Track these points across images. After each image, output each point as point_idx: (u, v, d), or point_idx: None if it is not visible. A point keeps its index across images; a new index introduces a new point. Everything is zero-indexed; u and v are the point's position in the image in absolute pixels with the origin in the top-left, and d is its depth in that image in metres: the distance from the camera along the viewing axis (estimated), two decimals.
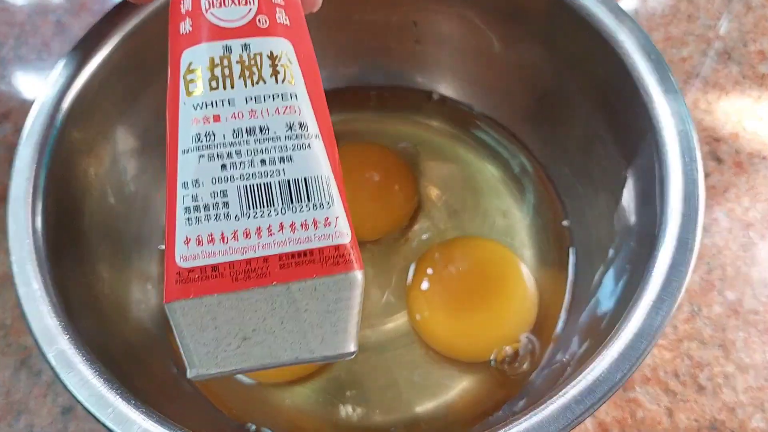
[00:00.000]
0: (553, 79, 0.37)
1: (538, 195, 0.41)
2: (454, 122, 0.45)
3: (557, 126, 0.39)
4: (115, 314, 0.33)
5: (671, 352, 0.38)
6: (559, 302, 0.37)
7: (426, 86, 0.45)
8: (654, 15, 0.50)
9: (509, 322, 0.36)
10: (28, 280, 0.27)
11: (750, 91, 0.46)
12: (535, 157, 0.42)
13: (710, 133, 0.45)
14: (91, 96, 0.32)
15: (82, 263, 0.32)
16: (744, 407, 0.36)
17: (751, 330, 0.38)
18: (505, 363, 0.36)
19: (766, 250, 0.40)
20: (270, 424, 0.35)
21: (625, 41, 0.30)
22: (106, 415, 0.24)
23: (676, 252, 0.26)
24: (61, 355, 0.25)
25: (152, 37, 0.34)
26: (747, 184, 0.43)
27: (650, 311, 0.25)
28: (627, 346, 0.25)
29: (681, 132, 0.28)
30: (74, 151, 0.32)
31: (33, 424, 0.37)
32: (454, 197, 0.42)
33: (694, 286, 0.39)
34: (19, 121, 0.48)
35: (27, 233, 0.28)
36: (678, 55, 0.48)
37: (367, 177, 0.41)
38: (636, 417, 0.36)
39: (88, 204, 0.33)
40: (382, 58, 0.44)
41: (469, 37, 0.40)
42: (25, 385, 0.38)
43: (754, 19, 0.49)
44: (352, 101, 0.46)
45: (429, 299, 0.37)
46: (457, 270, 0.37)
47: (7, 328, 0.40)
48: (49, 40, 0.52)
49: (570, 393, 0.24)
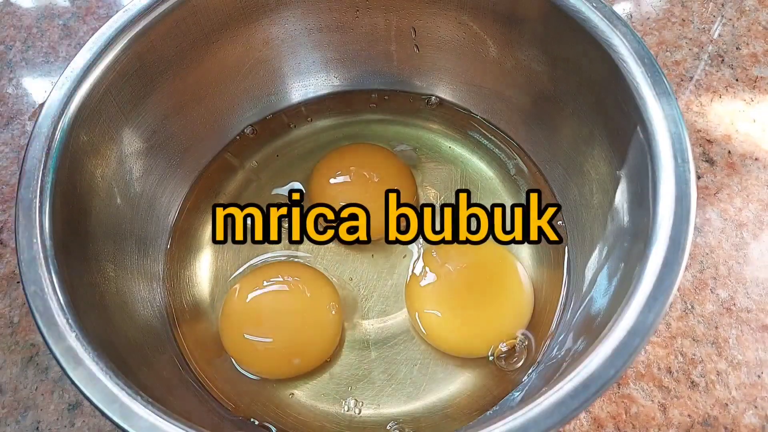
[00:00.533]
0: (548, 83, 0.38)
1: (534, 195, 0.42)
2: (452, 125, 0.45)
3: (552, 128, 0.40)
4: (122, 312, 0.34)
5: (665, 349, 0.38)
6: (555, 300, 0.38)
7: (425, 90, 0.46)
8: (648, 19, 0.51)
9: (506, 319, 0.36)
10: (35, 279, 0.27)
11: (743, 93, 0.47)
12: (530, 158, 0.43)
13: (703, 135, 0.45)
14: (97, 99, 0.33)
15: (88, 262, 0.32)
16: (737, 403, 0.36)
17: (743, 327, 0.39)
18: (502, 359, 0.36)
19: (759, 250, 0.41)
20: (273, 419, 0.35)
21: (619, 45, 0.31)
22: (113, 410, 0.25)
23: (668, 251, 0.26)
24: (69, 352, 0.26)
25: (157, 41, 0.35)
26: (739, 185, 0.43)
27: (643, 309, 0.25)
28: (621, 343, 0.25)
29: (674, 134, 0.28)
30: (81, 152, 0.32)
31: (40, 420, 0.37)
32: (452, 198, 0.42)
33: (687, 285, 0.40)
34: (26, 124, 0.49)
35: (35, 233, 0.28)
36: (671, 58, 0.49)
37: (368, 177, 0.41)
38: (630, 412, 0.36)
39: (94, 204, 0.34)
40: (382, 63, 0.45)
41: (466, 42, 0.40)
42: (32, 381, 0.39)
43: (747, 23, 0.50)
44: (352, 104, 0.47)
45: (428, 297, 0.37)
46: (455, 268, 0.38)
47: (15, 325, 0.41)
48: (56, 43, 0.52)
49: (565, 388, 0.24)
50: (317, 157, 0.44)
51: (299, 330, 0.36)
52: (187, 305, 0.39)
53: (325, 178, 0.42)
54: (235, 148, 0.45)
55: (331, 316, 0.37)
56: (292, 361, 0.36)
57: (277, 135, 0.46)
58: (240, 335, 0.36)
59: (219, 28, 0.38)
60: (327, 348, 0.37)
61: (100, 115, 0.33)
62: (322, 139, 0.45)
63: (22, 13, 0.54)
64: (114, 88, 0.34)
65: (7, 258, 0.43)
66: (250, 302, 0.37)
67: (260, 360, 0.36)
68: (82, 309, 0.28)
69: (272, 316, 0.36)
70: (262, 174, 0.44)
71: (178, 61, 0.37)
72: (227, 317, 0.37)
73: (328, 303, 0.37)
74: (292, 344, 0.36)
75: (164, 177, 0.40)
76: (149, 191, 0.39)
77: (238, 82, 0.42)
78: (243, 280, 0.38)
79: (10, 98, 0.50)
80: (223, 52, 0.39)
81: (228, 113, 0.44)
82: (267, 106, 0.46)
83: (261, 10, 0.39)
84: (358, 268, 0.40)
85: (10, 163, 0.47)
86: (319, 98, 0.47)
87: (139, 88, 0.36)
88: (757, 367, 0.37)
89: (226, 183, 0.44)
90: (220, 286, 0.40)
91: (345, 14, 0.41)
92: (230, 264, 0.41)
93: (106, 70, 0.33)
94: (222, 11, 0.37)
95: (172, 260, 0.41)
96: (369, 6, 0.40)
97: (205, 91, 0.41)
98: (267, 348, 0.36)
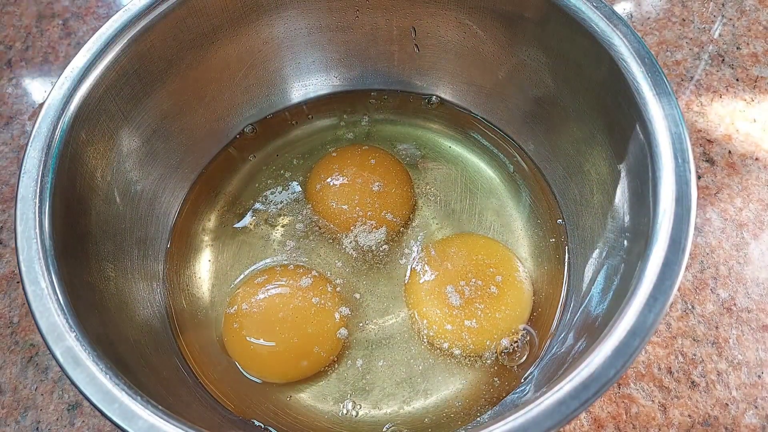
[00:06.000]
0: (548, 83, 0.38)
1: (534, 195, 0.42)
2: (452, 124, 0.45)
3: (553, 128, 0.40)
4: (121, 312, 0.34)
5: (665, 349, 0.38)
6: (555, 298, 0.38)
7: (425, 90, 0.46)
8: (648, 19, 0.51)
9: (506, 316, 0.36)
10: (35, 279, 0.27)
11: (743, 93, 0.47)
12: (530, 158, 0.43)
13: (703, 135, 0.45)
14: (97, 98, 0.33)
15: (88, 262, 0.32)
16: (737, 403, 0.36)
17: (743, 328, 0.39)
18: (505, 355, 0.36)
19: (759, 250, 0.41)
20: (272, 420, 0.35)
21: (619, 45, 0.31)
22: (113, 410, 0.25)
23: (668, 251, 0.26)
24: (68, 352, 0.26)
25: (157, 41, 0.35)
26: (740, 185, 0.43)
27: (643, 309, 0.25)
28: (621, 343, 0.25)
29: (674, 134, 0.29)
30: (81, 152, 0.32)
31: (40, 420, 0.37)
32: (451, 197, 0.42)
33: (687, 285, 0.40)
34: (26, 123, 0.49)
35: (35, 233, 0.28)
36: (672, 58, 0.49)
37: (366, 178, 0.41)
38: (630, 412, 0.36)
39: (94, 204, 0.34)
40: (383, 63, 0.45)
41: (467, 42, 0.40)
42: (32, 381, 0.39)
43: (748, 23, 0.50)
44: (353, 104, 0.47)
45: (428, 295, 0.37)
46: (455, 266, 0.38)
47: (15, 326, 0.40)
48: (56, 43, 0.52)
49: (565, 388, 0.24)
50: (317, 156, 0.44)
51: (303, 334, 0.36)
52: (187, 305, 0.39)
53: (323, 179, 0.42)
54: (235, 148, 0.45)
55: (334, 320, 0.37)
56: (297, 365, 0.36)
57: (277, 134, 0.46)
58: (244, 340, 0.36)
59: (219, 27, 0.38)
60: (331, 351, 0.37)
61: (100, 114, 0.33)
62: (322, 139, 0.45)
63: (22, 13, 0.54)
64: (114, 87, 0.34)
65: (7, 258, 0.43)
66: (254, 307, 0.37)
67: (264, 364, 0.36)
68: (82, 309, 0.28)
69: (276, 321, 0.36)
70: (262, 174, 0.44)
71: (178, 61, 0.37)
72: (231, 321, 0.37)
73: (332, 306, 0.37)
74: (296, 348, 0.36)
75: (164, 177, 0.40)
76: (149, 191, 0.39)
77: (238, 81, 0.42)
78: (246, 285, 0.38)
79: (10, 98, 0.50)
80: (223, 52, 0.39)
81: (228, 113, 0.44)
82: (267, 106, 0.46)
83: (261, 10, 0.39)
84: (359, 269, 0.40)
85: (10, 163, 0.47)
86: (319, 98, 0.47)
87: (139, 88, 0.36)
88: (757, 367, 0.37)
89: (227, 183, 0.44)
90: (220, 287, 0.40)
91: (345, 14, 0.41)
92: (230, 264, 0.41)
93: (105, 70, 0.33)
94: (222, 11, 0.37)
95: (172, 260, 0.41)
96: (369, 6, 0.40)
97: (205, 90, 0.41)
98: (271, 352, 0.36)
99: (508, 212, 0.42)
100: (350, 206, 0.40)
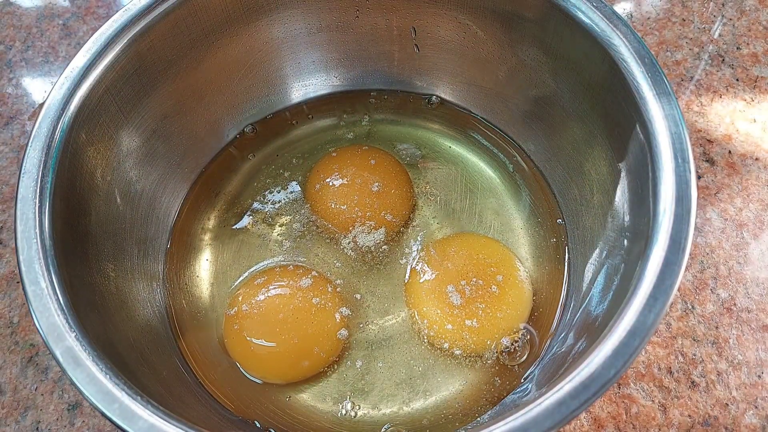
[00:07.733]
0: (548, 82, 0.38)
1: (534, 194, 0.42)
2: (453, 124, 0.45)
3: (552, 128, 0.40)
4: (122, 312, 0.34)
5: (665, 349, 0.38)
6: (556, 298, 0.38)
7: (425, 90, 0.46)
8: (648, 19, 0.51)
9: (507, 315, 0.36)
10: (35, 279, 0.27)
11: (743, 93, 0.47)
12: (530, 158, 0.43)
13: (703, 135, 0.45)
14: (97, 98, 0.33)
15: (88, 262, 0.32)
16: (737, 403, 0.36)
17: (744, 328, 0.39)
18: (505, 354, 0.36)
19: (759, 250, 0.41)
20: (274, 422, 0.35)
21: (619, 45, 0.31)
22: (113, 410, 0.25)
23: (668, 251, 0.26)
24: (68, 352, 0.26)
25: (157, 40, 0.35)
26: (740, 185, 0.43)
27: (643, 309, 0.25)
28: (621, 343, 0.25)
29: (674, 134, 0.29)
30: (81, 152, 0.32)
31: (40, 420, 0.37)
32: (452, 197, 0.42)
33: (687, 285, 0.40)
34: (26, 123, 0.49)
35: (35, 233, 0.28)
36: (672, 58, 0.49)
37: (365, 179, 0.41)
38: (630, 412, 0.36)
39: (94, 204, 0.34)
40: (383, 63, 0.45)
41: (466, 42, 0.40)
42: (32, 381, 0.39)
43: (748, 23, 0.50)
44: (353, 104, 0.47)
45: (428, 294, 0.37)
46: (455, 265, 0.38)
47: (15, 326, 0.41)
48: (56, 43, 0.52)
49: (565, 388, 0.24)
50: (317, 156, 0.44)
51: (304, 335, 0.36)
52: (187, 305, 0.39)
53: (323, 179, 0.42)
54: (236, 148, 0.45)
55: (335, 320, 0.37)
56: (297, 365, 0.36)
57: (277, 134, 0.46)
58: (245, 340, 0.36)
59: (219, 27, 0.38)
60: (331, 352, 0.37)
61: (100, 114, 0.33)
62: (321, 139, 0.45)
63: (22, 13, 0.54)
64: (114, 87, 0.34)
65: (7, 258, 0.43)
66: (254, 308, 0.37)
67: (264, 365, 0.36)
68: (82, 309, 0.28)
69: (277, 322, 0.36)
70: (262, 174, 0.44)
71: (178, 61, 0.37)
72: (231, 323, 0.37)
73: (332, 307, 0.37)
74: (296, 349, 0.36)
75: (164, 177, 0.40)
76: (149, 191, 0.39)
77: (238, 81, 0.42)
78: (246, 286, 0.38)
79: (10, 98, 0.50)
80: (224, 52, 0.39)
81: (228, 113, 0.44)
82: (267, 106, 0.46)
83: (261, 10, 0.39)
84: (359, 270, 0.40)
85: (10, 163, 0.47)
86: (319, 98, 0.47)
87: (139, 88, 0.36)
88: (757, 367, 0.37)
89: (227, 183, 0.44)
90: (220, 286, 0.40)
91: (345, 14, 0.41)
92: (230, 264, 0.41)
93: (105, 69, 0.33)
94: (222, 11, 0.37)
95: (172, 260, 0.41)
96: (369, 6, 0.40)
97: (205, 90, 0.41)
98: (271, 353, 0.36)
99: (508, 212, 0.42)
100: (349, 206, 0.40)
